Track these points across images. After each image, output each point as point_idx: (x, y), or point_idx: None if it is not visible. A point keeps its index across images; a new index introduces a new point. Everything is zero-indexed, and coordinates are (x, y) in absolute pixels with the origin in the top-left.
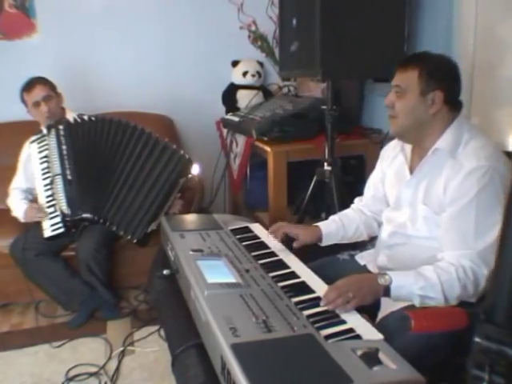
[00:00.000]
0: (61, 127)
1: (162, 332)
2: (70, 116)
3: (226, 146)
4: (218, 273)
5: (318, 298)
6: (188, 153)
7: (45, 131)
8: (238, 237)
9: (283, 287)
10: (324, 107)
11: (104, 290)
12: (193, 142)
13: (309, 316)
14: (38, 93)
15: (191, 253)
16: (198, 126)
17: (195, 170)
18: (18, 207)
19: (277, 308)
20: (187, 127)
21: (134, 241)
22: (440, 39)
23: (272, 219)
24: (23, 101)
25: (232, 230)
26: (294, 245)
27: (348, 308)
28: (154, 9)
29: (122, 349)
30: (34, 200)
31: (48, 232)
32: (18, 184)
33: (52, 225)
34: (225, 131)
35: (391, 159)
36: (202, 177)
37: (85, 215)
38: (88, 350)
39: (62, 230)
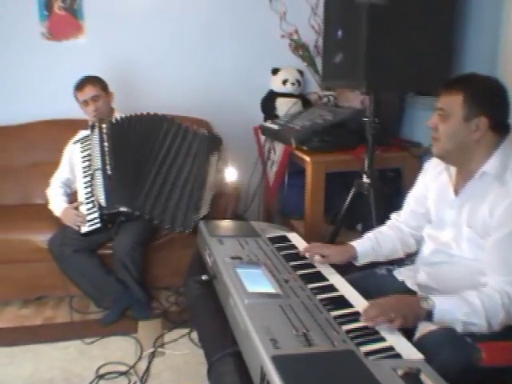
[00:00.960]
0: (104, 126)
1: (193, 335)
2: (115, 117)
3: (262, 153)
4: (257, 282)
5: (357, 313)
6: (225, 159)
7: (88, 132)
8: (275, 245)
9: (322, 300)
10: (365, 119)
11: (137, 288)
12: (230, 147)
13: (348, 331)
14: (87, 92)
15: (230, 260)
16: (235, 132)
17: (232, 175)
18: (57, 202)
19: (316, 321)
20: (225, 132)
21: (188, 231)
22: (485, 53)
23: (307, 228)
24: (76, 98)
25: (269, 239)
26: (322, 260)
27: (389, 328)
28: (198, 15)
29: (152, 350)
30: (71, 196)
31: (85, 227)
32: (59, 174)
33: (89, 220)
34: (262, 138)
35: (436, 175)
36: (239, 183)
37: (122, 209)
38: (118, 349)
39: (98, 226)
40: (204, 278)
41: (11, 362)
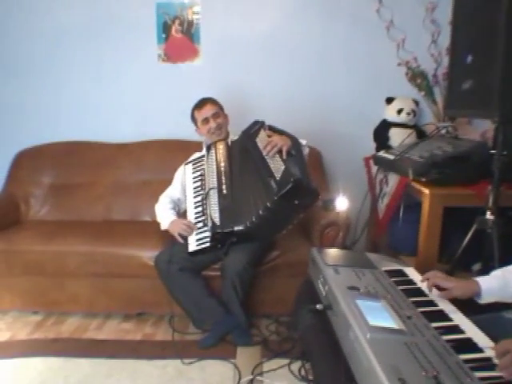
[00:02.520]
0: (221, 147)
1: (293, 367)
2: (230, 139)
3: (373, 185)
4: (379, 315)
5: (489, 359)
6: (334, 188)
7: (203, 152)
8: (393, 279)
9: (448, 341)
10: (493, 151)
11: (240, 312)
12: (339, 176)
13: (482, 379)
14: (208, 110)
15: (348, 290)
16: (345, 161)
17: (343, 204)
18: (165, 215)
19: (446, 364)
20: (335, 161)
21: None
22: None
23: (419, 265)
24: (193, 119)
25: (386, 272)
26: (442, 295)
27: None
28: (312, 42)
29: (250, 377)
30: (180, 214)
31: (192, 246)
32: (170, 192)
33: (198, 240)
34: (374, 169)
35: None
36: (349, 213)
37: (237, 228)
38: (216, 373)
39: (207, 245)
40: (319, 307)
41: (110, 374)
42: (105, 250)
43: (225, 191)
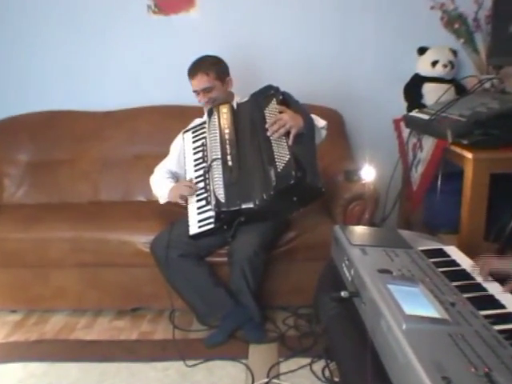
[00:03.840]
0: (224, 111)
1: (315, 367)
2: (235, 101)
3: (405, 151)
4: (416, 302)
5: None
6: (359, 156)
7: (204, 119)
8: (432, 260)
9: (501, 331)
10: None
11: (253, 303)
12: (365, 142)
13: None
14: (198, 83)
15: (378, 273)
16: (372, 124)
17: (369, 174)
18: (162, 184)
19: (500, 358)
20: (359, 125)
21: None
22: None
23: (462, 245)
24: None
25: (423, 251)
26: (505, 288)
27: None
28: None
29: (265, 380)
30: None
31: (194, 228)
32: (167, 165)
33: (200, 220)
34: (406, 132)
35: None
36: (377, 185)
37: (245, 206)
38: (225, 375)
39: (211, 227)
40: (343, 294)
41: (102, 380)
42: (93, 235)
43: (230, 163)
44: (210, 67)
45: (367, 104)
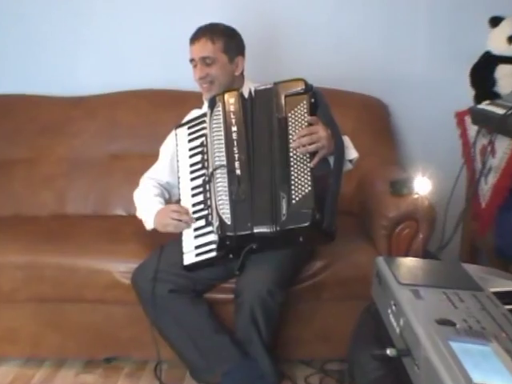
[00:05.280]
0: (231, 100)
1: None
2: (247, 89)
3: (471, 155)
4: (486, 367)
5: None
6: (409, 161)
7: (205, 109)
8: (509, 307)
9: None
10: None
11: (265, 356)
12: (418, 143)
13: None
14: (197, 50)
15: (437, 326)
16: (426, 118)
17: (423, 185)
18: (148, 205)
19: None
20: (410, 119)
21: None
22: None
23: None
24: None
25: (497, 294)
26: None
27: None
28: None
29: None
30: (170, 202)
31: (190, 256)
32: (155, 172)
33: (198, 246)
34: (472, 130)
35: None
36: (433, 201)
37: (258, 230)
38: None
39: (212, 255)
40: (390, 352)
41: None
42: (55, 261)
43: (238, 171)
44: (220, 35)
45: (420, 91)
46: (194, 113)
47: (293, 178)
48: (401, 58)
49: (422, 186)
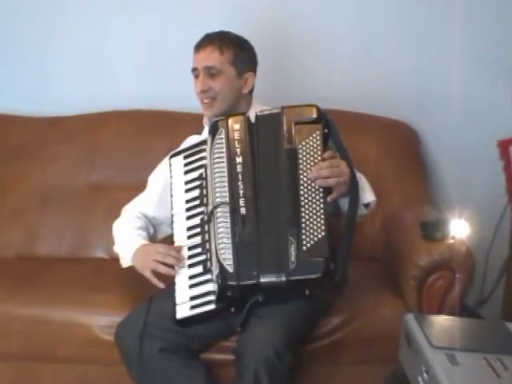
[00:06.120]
0: (236, 126)
1: None
2: (253, 113)
3: None
4: None
5: None
6: (443, 198)
7: (203, 136)
8: None
9: None
10: None
11: None
12: (453, 174)
13: None
14: (201, 59)
15: None
16: (462, 147)
17: (460, 229)
18: (128, 239)
19: None
20: (443, 147)
21: None
22: None
23: None
24: None
25: None
26: None
27: None
28: None
29: None
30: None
31: (184, 309)
32: (140, 205)
33: (194, 297)
34: None
35: None
36: (472, 245)
37: (265, 279)
38: None
39: (210, 308)
40: None
41: None
42: (24, 312)
43: (243, 210)
44: (230, 45)
45: (455, 115)
46: (192, 139)
47: (303, 220)
48: (432, 76)
49: (459, 228)
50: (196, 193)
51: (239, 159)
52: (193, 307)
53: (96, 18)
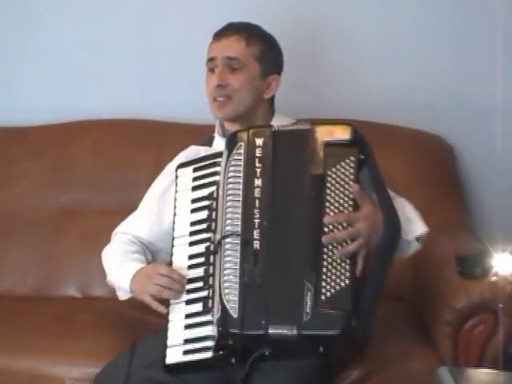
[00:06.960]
0: (259, 142)
1: None
2: (278, 124)
3: None
4: None
5: None
6: (485, 220)
7: (216, 148)
8: None
9: None
10: None
11: None
12: (496, 197)
13: None
14: (224, 47)
15: None
16: (506, 166)
17: (505, 263)
18: (122, 266)
19: None
20: (483, 165)
21: None
22: None
23: None
24: None
25: None
26: None
27: None
28: None
29: None
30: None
31: (176, 353)
32: (136, 229)
33: (188, 340)
34: None
35: None
36: None
37: (275, 331)
38: None
39: (206, 356)
40: None
41: None
42: None
43: (257, 244)
44: (258, 39)
45: (498, 129)
46: (193, 150)
47: (325, 263)
48: (473, 86)
49: (503, 263)
50: (203, 215)
51: (258, 182)
52: (186, 352)
53: (69, 17)
